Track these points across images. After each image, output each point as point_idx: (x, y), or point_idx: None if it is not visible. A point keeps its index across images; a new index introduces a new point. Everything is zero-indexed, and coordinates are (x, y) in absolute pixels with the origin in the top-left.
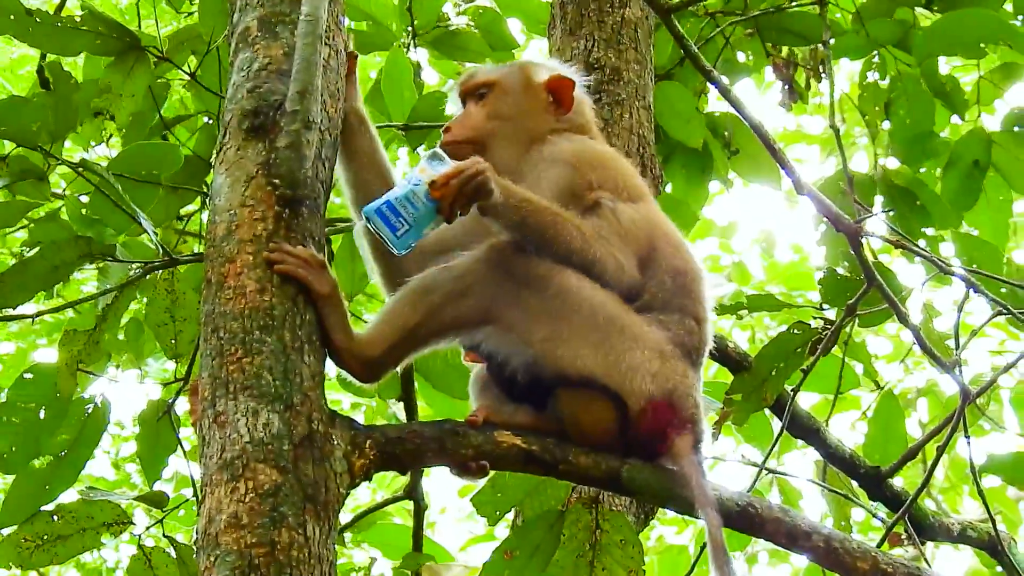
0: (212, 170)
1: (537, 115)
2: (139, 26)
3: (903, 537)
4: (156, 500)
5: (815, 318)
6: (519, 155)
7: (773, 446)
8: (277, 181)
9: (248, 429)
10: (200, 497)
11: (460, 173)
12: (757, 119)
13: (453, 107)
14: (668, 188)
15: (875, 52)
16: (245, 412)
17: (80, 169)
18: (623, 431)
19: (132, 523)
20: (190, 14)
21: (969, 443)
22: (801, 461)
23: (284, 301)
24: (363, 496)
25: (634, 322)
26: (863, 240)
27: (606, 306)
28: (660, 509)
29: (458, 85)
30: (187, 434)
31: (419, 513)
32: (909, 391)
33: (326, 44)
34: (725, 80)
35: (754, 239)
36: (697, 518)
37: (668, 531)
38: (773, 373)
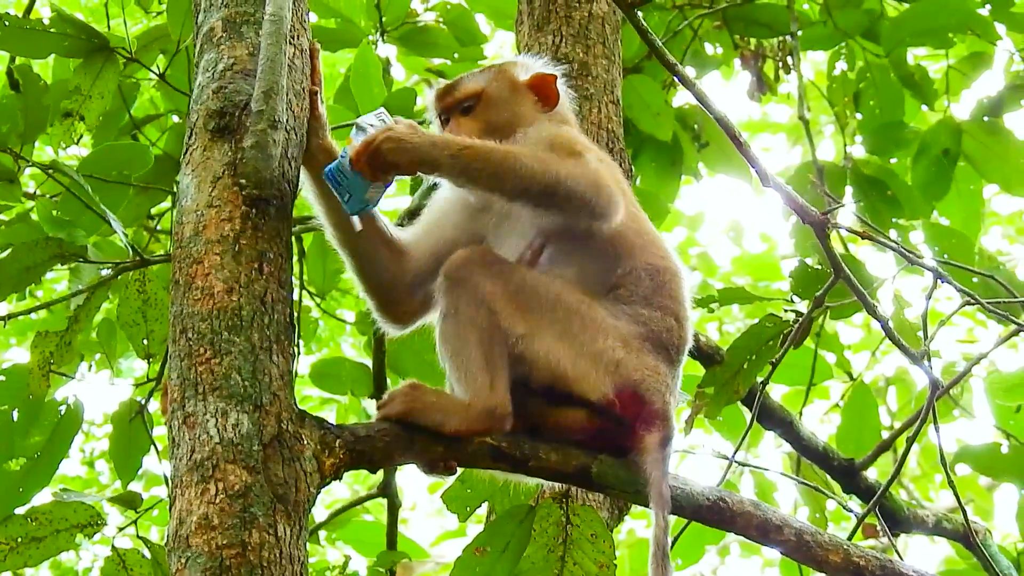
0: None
1: (526, 115)
2: (108, 27)
3: (878, 529)
4: (130, 501)
5: (786, 310)
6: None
7: (743, 438)
8: (244, 181)
9: (218, 430)
10: (171, 498)
11: (368, 145)
12: (722, 111)
13: (429, 115)
14: (638, 181)
15: (843, 42)
16: (214, 413)
17: (50, 170)
18: (592, 425)
19: (106, 524)
20: (159, 14)
21: (939, 435)
22: (776, 453)
23: (252, 301)
24: (340, 492)
25: (598, 314)
26: (831, 231)
27: (566, 297)
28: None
29: (437, 100)
30: (160, 433)
31: (393, 510)
32: (878, 379)
33: (291, 43)
34: (691, 72)
35: (722, 230)
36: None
37: (638, 524)
38: (745, 366)
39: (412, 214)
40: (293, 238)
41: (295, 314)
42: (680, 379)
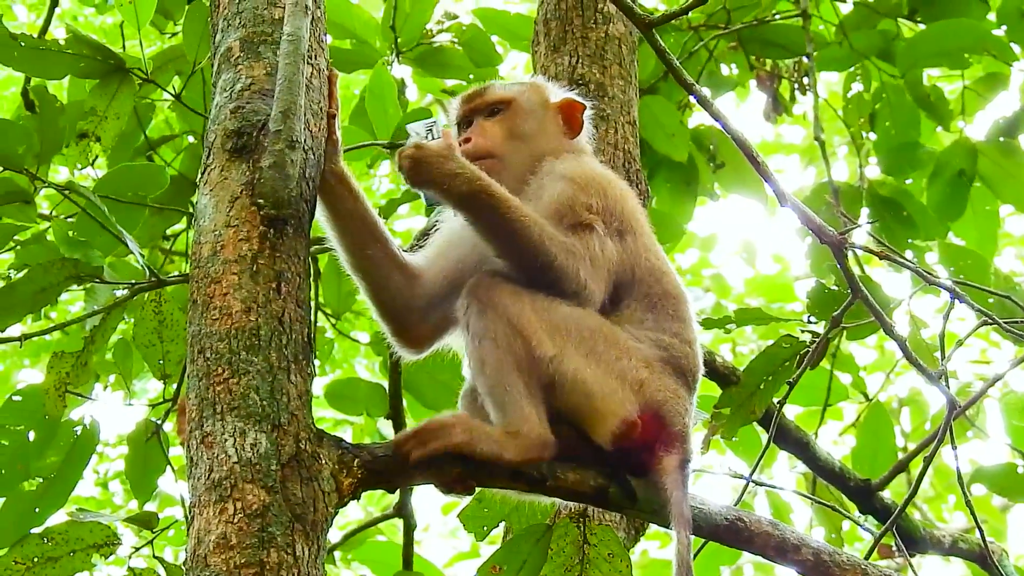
0: (197, 190)
1: (550, 136)
2: (123, 47)
3: (893, 549)
4: (145, 521)
5: (803, 331)
6: (528, 172)
7: (760, 458)
8: (261, 201)
9: (236, 449)
10: (189, 518)
11: (399, 154)
12: (740, 132)
13: (451, 119)
14: (654, 202)
15: (859, 63)
16: (233, 432)
17: (66, 191)
18: (613, 444)
19: (122, 544)
20: (174, 35)
21: (956, 455)
22: (791, 473)
23: (270, 321)
24: (354, 513)
25: (620, 335)
26: (848, 251)
27: (588, 319)
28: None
29: (464, 100)
30: (176, 453)
31: (409, 531)
32: (892, 400)
33: (308, 63)
34: (707, 92)
35: (735, 251)
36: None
37: (651, 545)
38: (761, 386)
39: (426, 234)
40: (310, 258)
41: (312, 334)
42: (695, 404)
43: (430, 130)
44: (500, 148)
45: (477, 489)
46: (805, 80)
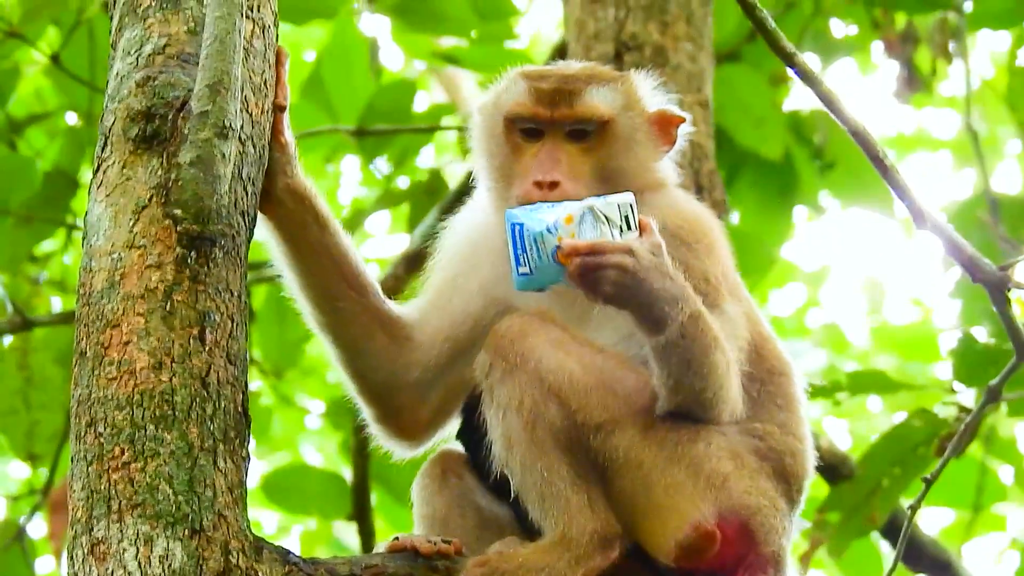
0: (87, 195)
1: (646, 161)
2: None
3: None
4: None
5: (944, 403)
6: None
7: None
8: (179, 212)
9: (139, 564)
10: None
11: (595, 254)
12: (859, 119)
13: (482, 111)
14: (734, 218)
15: None
16: (135, 539)
17: None
18: (678, 559)
19: None
20: None
21: None
22: None
23: (189, 383)
24: None
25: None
26: (1012, 292)
27: (650, 388)
28: None
29: (534, 96)
30: (48, 568)
31: None
32: None
33: (247, 17)
34: (814, 63)
35: (855, 289)
36: None
37: None
38: (884, 482)
39: (411, 259)
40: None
41: (247, 401)
42: (795, 522)
43: (627, 216)
44: (590, 191)
45: None
46: (952, 46)
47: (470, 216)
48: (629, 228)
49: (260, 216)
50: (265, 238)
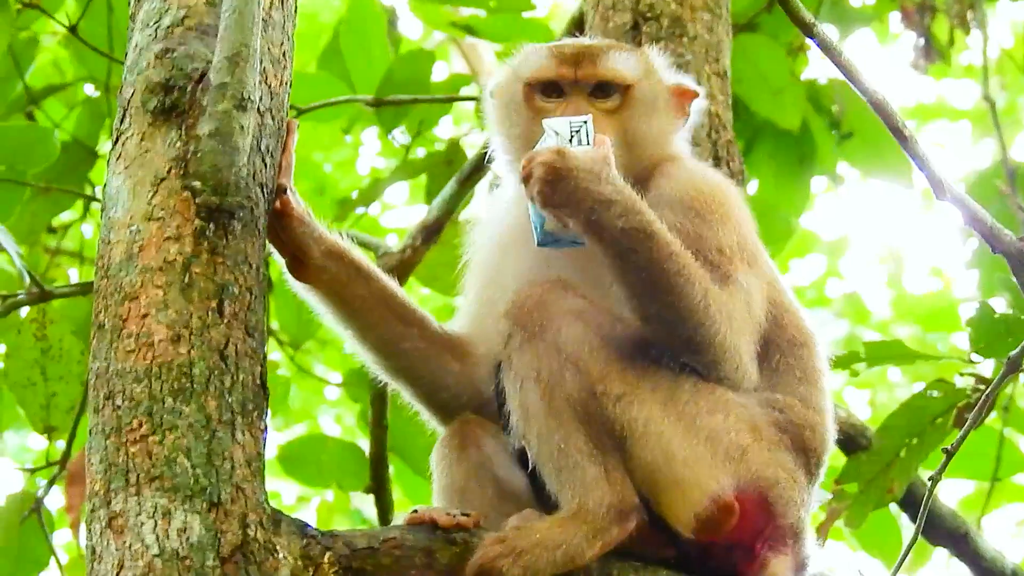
0: (106, 166)
1: (663, 134)
2: None
3: None
4: None
5: (963, 374)
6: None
7: (903, 558)
8: (197, 184)
9: (157, 537)
10: None
11: (528, 163)
12: (878, 89)
13: (500, 74)
14: (752, 187)
15: None
16: (152, 513)
17: None
18: (697, 532)
19: None
20: None
21: None
22: None
23: (208, 355)
24: None
25: (718, 388)
26: None
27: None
28: None
29: (561, 56)
30: (65, 540)
31: None
32: None
33: None
34: (832, 33)
35: (876, 260)
36: None
37: None
38: (902, 453)
39: (428, 229)
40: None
41: (265, 373)
42: (815, 494)
43: (577, 131)
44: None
45: None
46: (970, 14)
47: (494, 206)
48: (584, 145)
49: (303, 287)
50: (313, 305)
